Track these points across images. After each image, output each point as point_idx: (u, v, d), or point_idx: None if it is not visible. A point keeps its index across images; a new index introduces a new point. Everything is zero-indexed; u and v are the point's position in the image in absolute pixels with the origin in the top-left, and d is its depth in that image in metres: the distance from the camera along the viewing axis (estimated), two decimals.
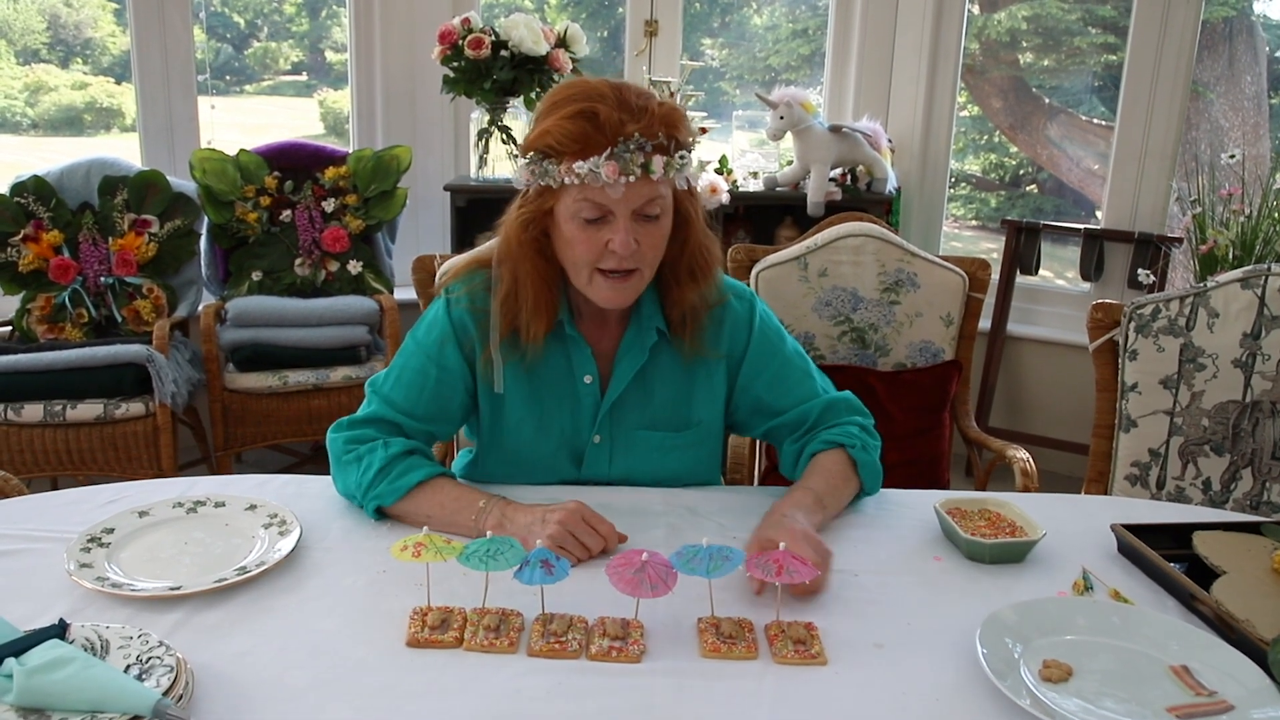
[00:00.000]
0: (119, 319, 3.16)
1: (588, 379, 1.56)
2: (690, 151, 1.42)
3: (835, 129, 3.41)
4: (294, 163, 3.42)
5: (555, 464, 1.60)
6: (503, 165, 3.45)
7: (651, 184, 1.38)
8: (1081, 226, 3.70)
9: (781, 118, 3.34)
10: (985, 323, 3.68)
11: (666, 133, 1.38)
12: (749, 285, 2.34)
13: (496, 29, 3.23)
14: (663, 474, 1.61)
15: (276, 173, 3.38)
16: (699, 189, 3.29)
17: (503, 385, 1.54)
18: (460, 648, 1.15)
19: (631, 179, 1.35)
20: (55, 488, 2.67)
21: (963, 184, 4.80)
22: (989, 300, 3.55)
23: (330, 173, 3.39)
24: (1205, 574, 1.34)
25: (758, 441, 2.16)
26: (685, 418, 1.60)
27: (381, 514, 1.47)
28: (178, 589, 1.23)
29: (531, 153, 1.42)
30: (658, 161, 1.37)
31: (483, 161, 3.46)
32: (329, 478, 1.58)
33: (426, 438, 1.56)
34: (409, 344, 1.58)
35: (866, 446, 1.56)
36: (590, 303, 1.52)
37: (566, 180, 1.37)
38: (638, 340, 1.55)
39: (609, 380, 1.57)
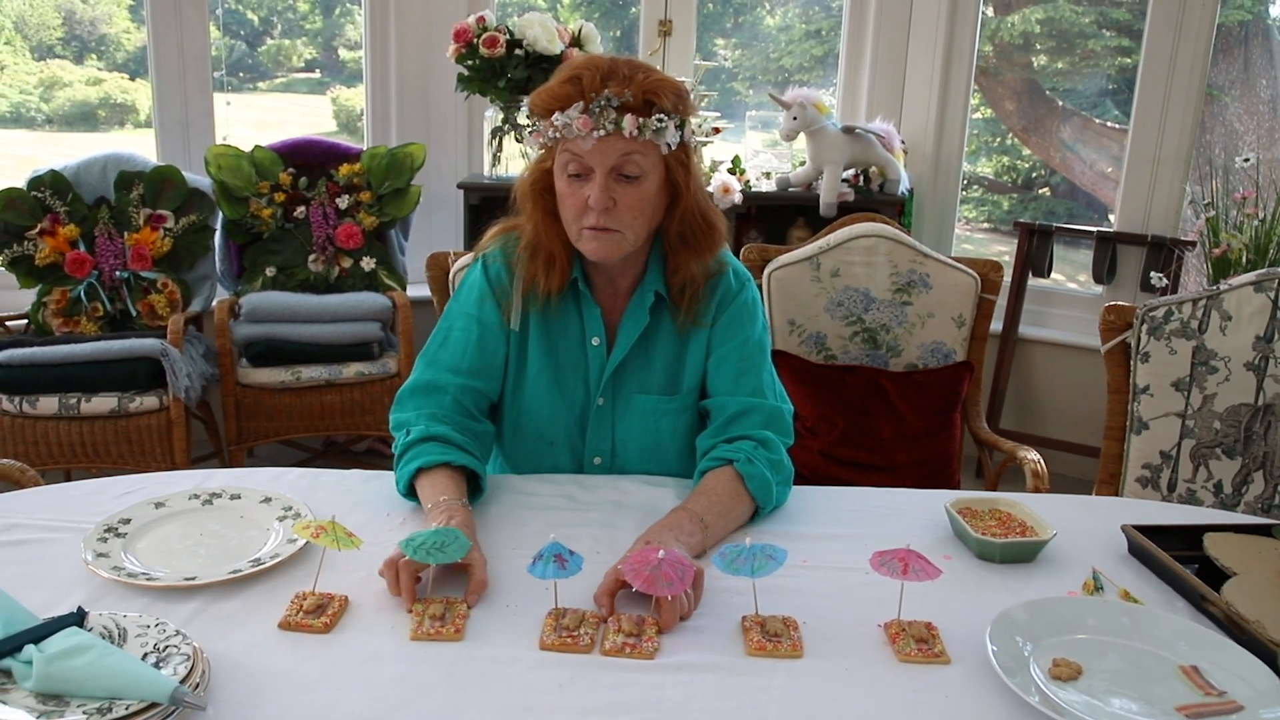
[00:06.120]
0: (134, 313, 3.18)
1: (595, 341, 1.61)
2: (671, 117, 1.45)
3: (848, 130, 3.41)
4: (308, 159, 3.44)
5: (565, 425, 1.64)
6: (516, 164, 3.46)
7: (625, 141, 1.43)
8: (1094, 229, 3.68)
9: (795, 118, 3.35)
10: (997, 325, 3.68)
11: (644, 96, 1.43)
12: (762, 285, 2.35)
13: (511, 28, 3.24)
14: (654, 439, 1.64)
15: (291, 169, 3.40)
16: (713, 189, 3.33)
17: (518, 322, 1.60)
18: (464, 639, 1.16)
19: (601, 133, 1.42)
20: (69, 480, 2.69)
21: (975, 186, 4.79)
22: (1001, 302, 3.54)
23: (344, 169, 3.41)
24: (1216, 575, 1.34)
25: None
26: (678, 383, 1.64)
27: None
28: (193, 579, 1.24)
29: (532, 116, 1.51)
30: (629, 120, 1.42)
31: (496, 160, 3.47)
32: (343, 472, 1.61)
33: (475, 396, 1.59)
34: (450, 309, 1.65)
35: (753, 459, 1.50)
36: (599, 270, 1.60)
37: (549, 133, 1.46)
38: (641, 305, 1.61)
39: (614, 345, 1.62)
